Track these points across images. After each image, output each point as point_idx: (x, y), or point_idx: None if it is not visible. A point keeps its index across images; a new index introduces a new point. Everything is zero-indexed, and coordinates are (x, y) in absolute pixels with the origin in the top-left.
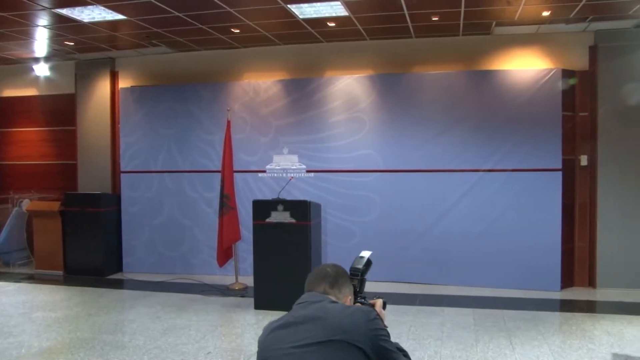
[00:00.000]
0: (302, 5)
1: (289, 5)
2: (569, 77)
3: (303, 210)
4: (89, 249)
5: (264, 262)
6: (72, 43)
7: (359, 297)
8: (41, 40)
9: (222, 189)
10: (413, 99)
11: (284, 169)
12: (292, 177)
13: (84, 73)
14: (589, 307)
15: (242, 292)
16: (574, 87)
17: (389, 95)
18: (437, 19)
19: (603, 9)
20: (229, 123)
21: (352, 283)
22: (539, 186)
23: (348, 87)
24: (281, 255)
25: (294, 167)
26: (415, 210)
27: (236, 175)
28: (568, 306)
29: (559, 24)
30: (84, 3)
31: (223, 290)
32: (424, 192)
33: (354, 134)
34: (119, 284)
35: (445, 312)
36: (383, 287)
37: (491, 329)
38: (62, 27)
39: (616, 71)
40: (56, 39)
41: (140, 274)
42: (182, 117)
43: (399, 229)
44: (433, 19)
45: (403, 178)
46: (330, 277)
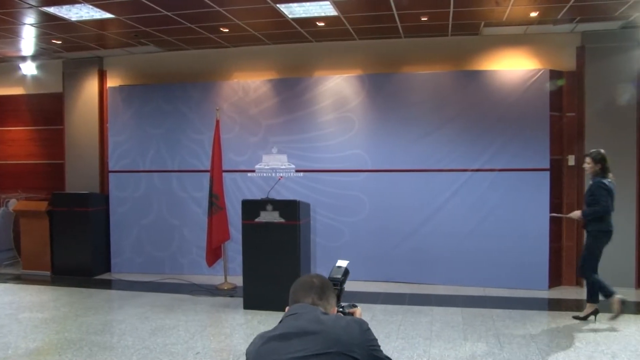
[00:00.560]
0: (291, 4)
1: (278, 5)
2: (556, 78)
3: (292, 209)
4: (76, 249)
5: (253, 262)
6: (60, 42)
7: (339, 307)
8: (28, 39)
9: (211, 189)
10: (402, 99)
11: (273, 169)
12: (281, 177)
13: (72, 72)
14: (577, 306)
15: (231, 292)
16: (562, 87)
17: (378, 95)
18: (426, 19)
19: (590, 10)
20: (218, 123)
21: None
22: (527, 186)
23: (337, 86)
24: (270, 255)
25: (283, 167)
26: (404, 210)
27: (225, 175)
28: (556, 305)
29: (547, 24)
30: (72, 1)
31: (212, 290)
32: (412, 192)
33: (343, 133)
34: (107, 285)
35: (434, 312)
36: (372, 287)
37: (480, 328)
38: (50, 26)
39: (603, 72)
40: (44, 37)
41: (129, 274)
42: (171, 117)
43: (388, 228)
44: (422, 19)
45: (392, 178)
46: (317, 288)
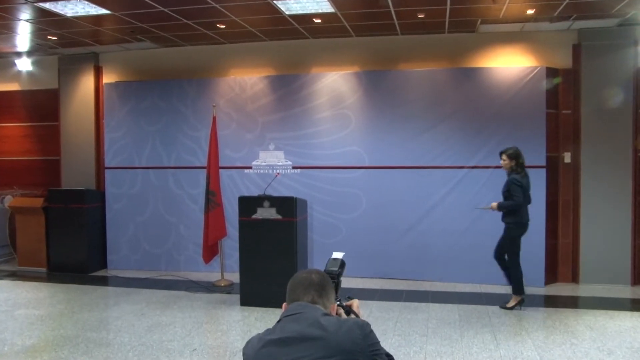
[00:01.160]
0: (288, 1)
1: (274, 1)
2: (552, 75)
3: (289, 206)
4: (72, 245)
5: (250, 259)
6: (56, 38)
7: (336, 301)
8: (23, 35)
9: (207, 186)
10: (398, 96)
11: (270, 165)
12: (278, 174)
13: (68, 68)
14: (572, 302)
15: (227, 289)
16: (558, 85)
17: (374, 92)
18: (422, 16)
19: (586, 7)
20: (214, 119)
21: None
22: None
23: (334, 83)
24: (267, 252)
25: (280, 164)
26: (401, 207)
27: (222, 171)
28: (551, 302)
29: (543, 22)
30: None
31: (208, 287)
32: (409, 189)
33: (340, 130)
34: (103, 281)
35: (430, 308)
36: (369, 284)
37: (476, 324)
38: (45, 22)
39: (599, 69)
40: (39, 33)
41: (125, 270)
42: (167, 113)
43: (384, 225)
44: (419, 17)
45: (388, 175)
46: (317, 286)
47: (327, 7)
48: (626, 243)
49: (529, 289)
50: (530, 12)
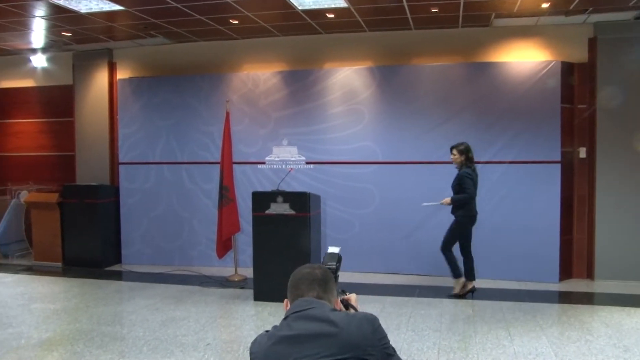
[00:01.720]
0: None
1: None
2: (568, 70)
3: (303, 201)
4: (87, 240)
5: (264, 254)
6: (70, 34)
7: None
8: (38, 31)
9: (221, 181)
10: (412, 90)
11: (283, 161)
12: (291, 169)
13: (82, 64)
14: (587, 298)
15: (241, 284)
16: (573, 79)
17: (388, 87)
18: (436, 10)
19: (603, 0)
20: (228, 115)
21: None
22: (537, 178)
23: (347, 78)
24: (281, 247)
25: (294, 159)
26: (414, 202)
27: (235, 167)
28: (566, 298)
29: (559, 16)
30: None
31: (222, 282)
32: (422, 184)
33: (353, 125)
34: (117, 276)
35: (444, 304)
36: (382, 279)
37: (490, 320)
38: (60, 18)
39: (616, 63)
40: (53, 29)
41: (139, 265)
42: (181, 109)
43: (397, 220)
44: (432, 11)
45: (401, 170)
46: (321, 281)
47: (340, 2)
48: None
49: (544, 285)
50: (545, 5)
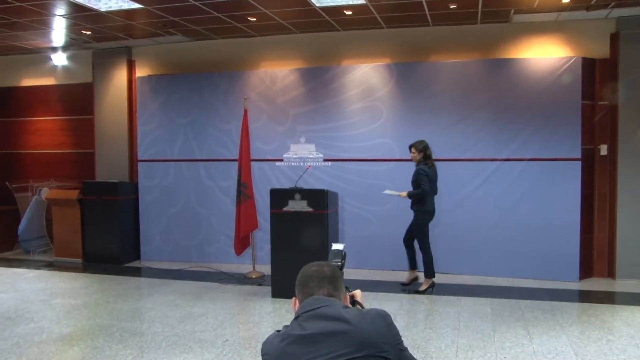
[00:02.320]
0: None
1: None
2: (589, 66)
3: (320, 199)
4: (107, 237)
5: (281, 251)
6: (90, 32)
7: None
8: (59, 30)
9: (239, 178)
10: (430, 87)
11: (301, 158)
12: (309, 166)
13: (101, 62)
14: (608, 298)
15: (259, 281)
16: (594, 75)
17: (406, 83)
18: (454, 6)
19: None
20: (245, 112)
21: None
22: (557, 176)
23: (365, 75)
24: (298, 244)
25: (311, 156)
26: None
27: (253, 164)
28: (587, 297)
29: (580, 10)
30: None
31: (240, 279)
32: (440, 181)
33: (371, 122)
34: (136, 272)
35: (462, 302)
36: (400, 276)
37: (508, 318)
38: (79, 17)
39: (638, 59)
40: (73, 28)
41: (158, 262)
42: (199, 106)
43: None
44: (451, 7)
45: None
46: (330, 278)
47: None
48: None
49: (563, 284)
50: (565, 0)
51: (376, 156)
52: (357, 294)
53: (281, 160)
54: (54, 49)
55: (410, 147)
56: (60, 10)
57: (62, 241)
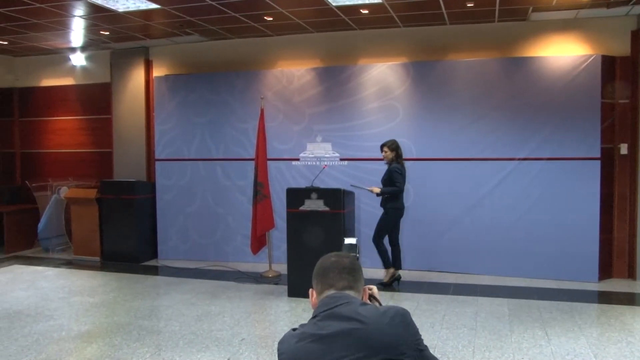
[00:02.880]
0: None
1: None
2: (609, 64)
3: (337, 198)
4: (124, 236)
5: (298, 250)
6: (108, 32)
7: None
8: (77, 30)
9: (256, 177)
10: (447, 86)
11: (317, 157)
12: (325, 166)
13: (119, 62)
14: (629, 299)
15: (275, 280)
16: (614, 73)
17: (422, 82)
18: (472, 5)
19: None
20: (262, 111)
21: None
22: (576, 175)
23: (381, 74)
24: (315, 244)
25: (328, 156)
26: (449, 199)
27: (270, 163)
28: (606, 298)
29: (600, 8)
30: None
31: (256, 278)
32: (457, 181)
33: (387, 122)
34: (153, 271)
35: (479, 302)
36: (416, 276)
37: (526, 319)
38: (98, 17)
39: None
40: (92, 28)
41: (175, 260)
42: (216, 106)
43: (432, 217)
44: (468, 5)
45: (436, 166)
46: (350, 269)
47: None
48: None
49: (582, 284)
50: None
51: None
52: (375, 290)
53: (298, 160)
54: (73, 50)
55: (382, 146)
56: (79, 11)
57: (80, 239)
